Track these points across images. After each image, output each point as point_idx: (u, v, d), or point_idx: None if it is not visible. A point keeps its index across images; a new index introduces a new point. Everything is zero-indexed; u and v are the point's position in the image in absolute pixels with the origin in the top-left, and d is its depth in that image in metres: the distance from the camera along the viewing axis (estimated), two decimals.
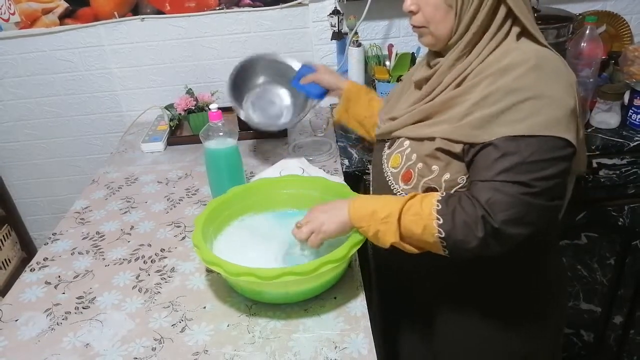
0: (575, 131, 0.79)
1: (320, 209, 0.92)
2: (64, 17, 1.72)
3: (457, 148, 0.83)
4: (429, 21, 0.86)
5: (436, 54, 0.92)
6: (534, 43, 0.83)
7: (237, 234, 1.06)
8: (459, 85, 0.85)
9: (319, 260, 0.85)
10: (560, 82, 0.79)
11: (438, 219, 0.79)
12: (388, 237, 0.84)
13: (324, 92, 1.28)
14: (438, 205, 0.80)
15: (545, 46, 0.84)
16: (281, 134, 1.65)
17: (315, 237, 0.90)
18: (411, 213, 0.82)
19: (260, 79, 1.49)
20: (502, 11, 0.82)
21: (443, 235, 0.79)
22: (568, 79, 0.80)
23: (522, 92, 0.77)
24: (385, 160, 0.97)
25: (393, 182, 0.94)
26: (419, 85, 0.95)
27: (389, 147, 0.97)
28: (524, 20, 0.82)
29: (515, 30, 0.83)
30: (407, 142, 0.92)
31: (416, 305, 1.07)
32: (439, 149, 0.85)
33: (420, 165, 0.88)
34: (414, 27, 0.89)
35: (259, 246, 1.01)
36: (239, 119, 1.63)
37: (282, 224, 1.08)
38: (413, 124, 0.91)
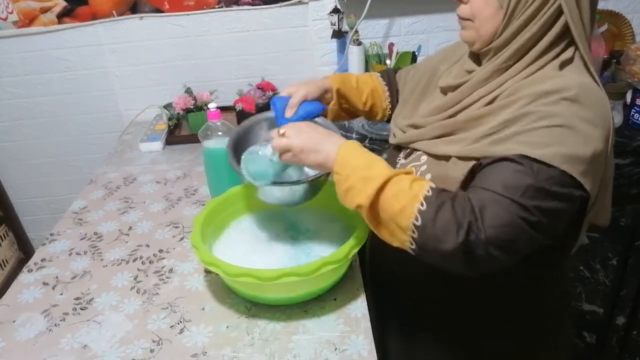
0: (597, 178, 0.74)
1: (311, 136, 0.82)
2: (62, 16, 1.71)
3: (467, 167, 0.77)
4: (476, 15, 0.78)
5: (474, 58, 0.85)
6: (581, 74, 0.75)
7: (237, 237, 1.05)
8: (489, 103, 0.79)
9: (319, 261, 0.85)
10: (598, 121, 0.72)
11: (422, 205, 0.70)
12: (358, 198, 0.74)
13: (319, 104, 0.99)
14: (429, 192, 0.71)
15: (593, 78, 0.76)
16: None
17: (288, 156, 0.83)
18: (397, 187, 0.73)
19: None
20: (557, 27, 0.74)
21: (419, 224, 0.70)
22: (606, 122, 0.73)
23: (554, 118, 0.70)
24: (400, 167, 0.92)
25: None
26: (445, 91, 0.88)
27: (405, 157, 0.91)
28: (579, 43, 0.74)
29: (568, 53, 0.76)
30: (424, 158, 0.86)
31: (403, 313, 1.04)
32: (450, 170, 0.79)
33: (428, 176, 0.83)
34: (460, 17, 0.81)
35: (260, 247, 1.00)
36: (237, 118, 1.62)
37: (282, 223, 1.08)
38: (432, 138, 0.85)
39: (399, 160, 0.94)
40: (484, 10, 0.77)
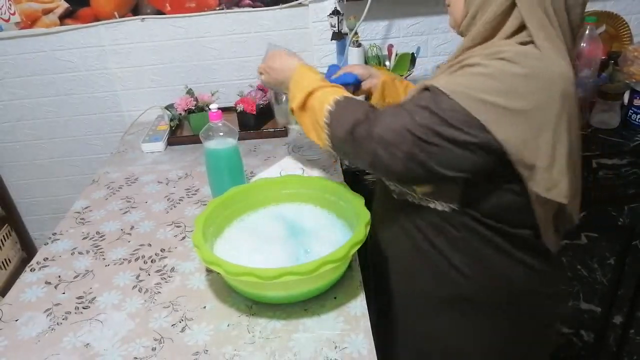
0: (528, 140, 0.76)
1: (277, 63, 1.07)
2: (64, 17, 1.72)
3: None
4: (449, 3, 0.89)
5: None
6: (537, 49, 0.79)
7: (238, 237, 1.06)
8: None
9: (319, 260, 0.86)
10: (531, 83, 0.75)
11: (331, 106, 0.90)
12: (292, 103, 0.98)
13: (359, 80, 1.20)
14: (341, 98, 0.90)
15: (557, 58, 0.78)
16: (281, 134, 1.65)
17: (265, 77, 1.10)
18: (320, 94, 0.93)
19: None
20: (514, 17, 0.79)
21: (327, 121, 0.90)
22: (544, 86, 0.76)
23: (482, 67, 0.78)
24: None
25: None
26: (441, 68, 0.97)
27: None
28: (533, 32, 0.78)
29: (525, 39, 0.80)
30: None
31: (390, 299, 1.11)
32: None
33: None
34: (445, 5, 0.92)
35: (261, 247, 1.01)
36: (238, 118, 1.63)
37: (282, 223, 1.08)
38: None
39: None
40: None
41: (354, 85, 1.23)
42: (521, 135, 0.76)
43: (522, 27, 0.79)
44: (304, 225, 1.07)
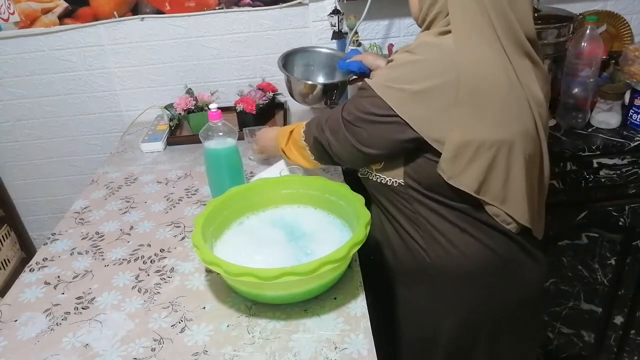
0: (428, 119, 0.89)
1: (263, 139, 1.33)
2: (63, 17, 1.72)
3: None
4: None
5: None
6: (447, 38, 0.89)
7: (237, 237, 1.06)
8: None
9: (319, 261, 0.85)
10: (428, 68, 0.88)
11: (303, 127, 1.11)
12: (281, 144, 1.19)
13: (363, 69, 1.35)
14: (309, 121, 1.11)
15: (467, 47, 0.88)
16: None
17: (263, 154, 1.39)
18: (296, 129, 1.14)
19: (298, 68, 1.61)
20: (438, 7, 0.92)
21: (304, 140, 1.10)
22: (430, 70, 0.88)
23: (392, 62, 0.94)
24: None
25: None
26: None
27: None
28: (452, 23, 0.89)
29: (446, 29, 0.90)
30: None
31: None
32: None
33: None
34: None
35: (260, 247, 1.01)
36: (238, 118, 1.63)
37: (282, 226, 1.08)
38: None
39: None
40: None
41: (361, 74, 1.36)
42: (423, 114, 0.89)
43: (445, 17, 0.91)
44: (304, 227, 1.07)
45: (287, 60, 1.52)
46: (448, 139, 0.89)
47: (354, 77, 1.42)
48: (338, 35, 1.68)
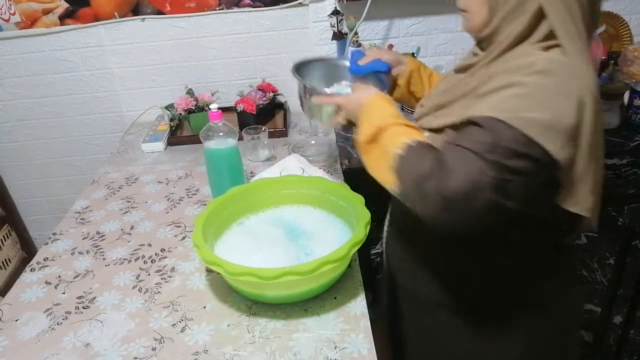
0: (571, 149, 0.75)
1: (355, 93, 0.98)
2: (64, 17, 1.72)
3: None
4: (467, 7, 0.85)
5: (479, 44, 0.90)
6: (563, 55, 0.77)
7: (238, 237, 1.06)
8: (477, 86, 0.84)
9: (319, 260, 0.86)
10: (566, 93, 0.74)
11: (401, 150, 0.79)
12: (360, 135, 0.89)
13: (389, 67, 1.13)
14: (412, 142, 0.80)
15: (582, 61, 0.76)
16: (281, 134, 1.65)
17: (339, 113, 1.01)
18: (392, 133, 0.84)
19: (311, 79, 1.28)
20: (544, 26, 0.78)
21: (395, 165, 0.80)
22: (577, 95, 0.73)
23: (521, 86, 0.75)
24: None
25: None
26: (456, 71, 0.95)
27: None
28: (565, 45, 0.76)
29: (550, 43, 0.78)
30: (427, 133, 0.90)
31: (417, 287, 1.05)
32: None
33: None
34: (459, 9, 0.88)
35: (261, 247, 1.01)
36: (238, 118, 1.64)
37: (282, 226, 1.09)
38: (429, 114, 0.92)
39: None
40: (470, 3, 0.84)
41: (385, 73, 1.14)
42: (569, 148, 0.75)
43: (543, 38, 0.78)
44: (304, 227, 1.07)
45: (300, 71, 1.25)
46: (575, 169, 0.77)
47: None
48: (338, 35, 1.68)
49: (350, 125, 0.99)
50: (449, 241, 0.89)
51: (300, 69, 1.21)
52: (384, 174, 0.82)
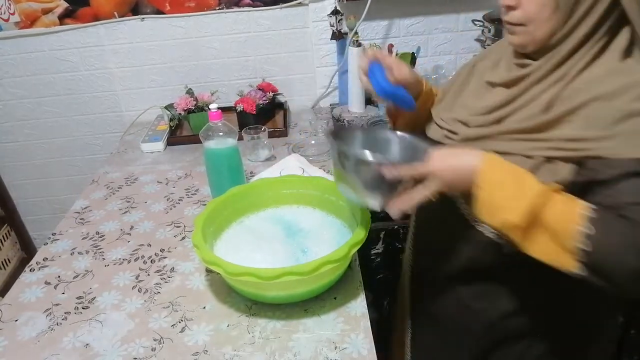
0: None
1: (452, 159, 0.76)
2: (63, 17, 1.72)
3: (565, 170, 0.72)
4: (530, 19, 0.74)
5: (523, 54, 0.81)
6: None
7: (237, 237, 1.06)
8: (555, 98, 0.74)
9: (319, 260, 0.85)
10: None
11: (587, 228, 0.66)
12: (507, 214, 0.69)
13: (413, 100, 0.90)
14: (591, 213, 0.67)
15: None
16: (281, 134, 1.65)
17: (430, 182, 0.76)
18: (555, 206, 0.68)
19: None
20: (614, 16, 0.71)
21: (588, 249, 0.65)
22: None
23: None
24: None
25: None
26: (501, 85, 0.83)
27: None
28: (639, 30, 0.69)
29: (623, 42, 0.72)
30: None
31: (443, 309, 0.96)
32: (536, 169, 0.73)
33: None
34: (509, 24, 0.77)
35: (260, 247, 1.01)
36: (238, 118, 1.63)
37: (281, 224, 1.08)
38: (508, 135, 0.78)
39: None
40: (541, 12, 0.73)
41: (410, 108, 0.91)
42: None
43: (612, 30, 0.73)
44: (303, 226, 1.07)
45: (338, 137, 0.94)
46: None
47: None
48: (338, 35, 1.68)
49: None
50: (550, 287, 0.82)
51: (337, 136, 0.93)
52: (561, 257, 0.68)
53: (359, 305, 0.94)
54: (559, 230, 0.67)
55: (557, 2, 0.71)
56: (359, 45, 1.66)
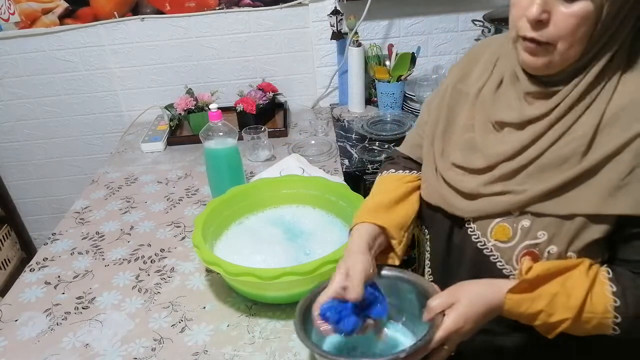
0: None
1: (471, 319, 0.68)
2: (63, 17, 1.72)
3: (602, 229, 0.66)
4: (563, 37, 0.63)
5: (534, 80, 0.70)
6: None
7: (237, 237, 1.06)
8: (593, 133, 0.65)
9: (319, 260, 0.85)
10: None
11: (616, 317, 0.65)
12: (551, 331, 0.68)
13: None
14: (616, 302, 0.65)
15: None
16: (281, 134, 1.65)
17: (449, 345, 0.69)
18: (585, 312, 0.66)
19: None
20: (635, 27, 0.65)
21: (619, 320, 0.66)
22: None
23: None
24: (476, 229, 0.75)
25: (500, 257, 0.73)
26: (522, 126, 0.71)
27: (474, 221, 0.75)
28: None
29: None
30: (526, 221, 0.70)
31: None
32: (580, 231, 0.67)
33: (554, 248, 0.69)
34: (535, 42, 0.65)
35: (260, 247, 1.01)
36: (238, 118, 1.63)
37: (281, 226, 1.08)
38: (522, 192, 0.70)
39: (472, 229, 0.76)
40: (577, 30, 0.62)
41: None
42: None
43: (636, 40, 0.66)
44: (303, 227, 1.07)
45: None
46: None
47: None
48: (338, 35, 1.68)
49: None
50: None
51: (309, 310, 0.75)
52: (597, 331, 0.68)
53: None
54: (594, 327, 0.67)
55: (597, 17, 0.61)
56: (359, 45, 1.66)
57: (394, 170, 0.91)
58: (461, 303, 0.68)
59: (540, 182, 0.68)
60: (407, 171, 0.90)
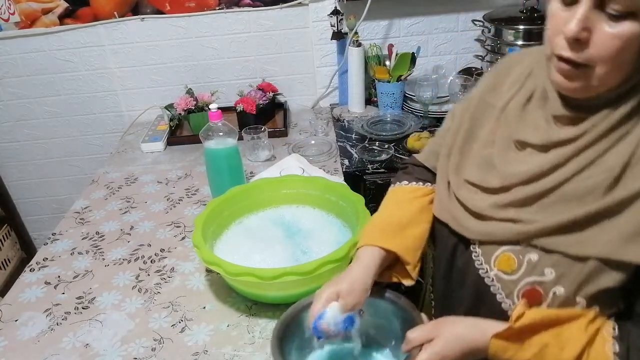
0: None
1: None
2: (63, 17, 1.72)
3: (617, 275, 0.60)
4: (603, 60, 0.56)
5: (566, 102, 0.64)
6: None
7: (237, 237, 1.06)
8: (622, 167, 0.60)
9: (319, 260, 0.85)
10: None
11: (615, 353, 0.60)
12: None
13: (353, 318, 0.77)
14: (614, 345, 0.60)
15: None
16: (281, 134, 1.65)
17: None
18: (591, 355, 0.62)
19: None
20: None
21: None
22: None
23: None
24: (481, 254, 0.71)
25: (501, 289, 0.69)
26: (546, 148, 0.66)
27: (480, 244, 0.72)
28: None
29: None
30: (534, 255, 0.66)
31: None
32: (592, 276, 0.61)
33: (561, 290, 0.63)
34: (571, 63, 0.58)
35: (260, 247, 1.01)
36: (238, 118, 1.63)
37: (281, 224, 1.08)
38: (560, 229, 0.63)
39: (476, 255, 0.72)
40: (622, 53, 0.56)
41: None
42: None
43: None
44: (303, 227, 1.07)
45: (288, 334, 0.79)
46: None
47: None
48: (338, 35, 1.68)
49: None
50: None
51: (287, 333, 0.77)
52: None
53: None
54: None
55: None
56: (359, 45, 1.66)
57: (406, 182, 0.88)
58: (440, 339, 0.66)
59: (555, 214, 0.63)
60: (421, 183, 0.87)
